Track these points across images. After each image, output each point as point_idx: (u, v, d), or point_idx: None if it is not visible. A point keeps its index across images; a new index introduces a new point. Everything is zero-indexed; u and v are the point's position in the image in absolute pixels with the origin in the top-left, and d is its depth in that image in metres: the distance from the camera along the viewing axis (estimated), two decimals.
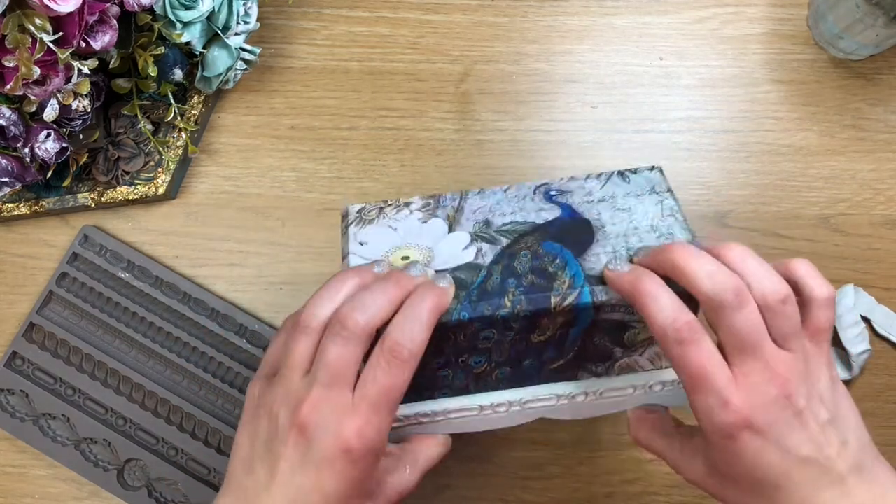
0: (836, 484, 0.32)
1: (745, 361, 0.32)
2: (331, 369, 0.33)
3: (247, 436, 0.35)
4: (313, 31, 0.56)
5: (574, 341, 0.36)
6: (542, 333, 0.36)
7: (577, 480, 0.50)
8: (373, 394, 0.32)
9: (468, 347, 0.36)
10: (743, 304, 0.31)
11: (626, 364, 0.38)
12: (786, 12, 0.55)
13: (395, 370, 0.32)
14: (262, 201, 0.54)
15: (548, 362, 0.37)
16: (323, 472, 0.32)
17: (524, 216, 0.38)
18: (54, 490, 0.51)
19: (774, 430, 0.31)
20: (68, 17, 0.41)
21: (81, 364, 0.52)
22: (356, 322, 0.33)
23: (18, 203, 0.52)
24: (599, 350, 0.37)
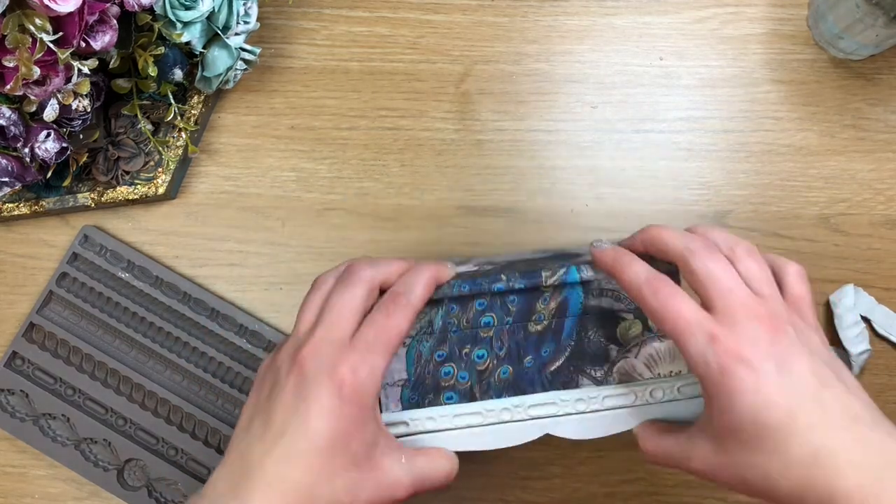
0: (849, 426, 0.30)
1: (727, 305, 0.32)
2: (333, 313, 0.35)
3: (251, 403, 0.36)
4: (313, 31, 0.56)
5: (570, 334, 0.39)
6: (538, 322, 0.38)
7: (577, 480, 0.50)
8: (370, 334, 0.34)
9: (470, 336, 0.38)
10: (713, 252, 0.33)
11: (624, 370, 0.39)
12: (786, 12, 0.55)
13: (392, 314, 0.35)
14: (262, 201, 0.54)
15: (547, 362, 0.39)
16: (311, 407, 0.33)
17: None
18: (54, 490, 0.51)
19: (767, 365, 0.30)
20: (68, 17, 0.41)
21: (81, 364, 0.52)
22: (363, 271, 0.36)
23: (18, 203, 0.52)
24: (595, 347, 0.39)
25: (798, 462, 0.30)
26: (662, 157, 0.53)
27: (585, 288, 0.39)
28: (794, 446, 0.30)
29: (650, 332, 0.39)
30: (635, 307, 0.39)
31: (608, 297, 0.39)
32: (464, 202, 0.53)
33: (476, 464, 0.50)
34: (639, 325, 0.39)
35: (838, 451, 0.29)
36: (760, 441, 0.30)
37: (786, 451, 0.30)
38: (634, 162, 0.53)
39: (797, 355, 0.31)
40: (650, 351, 0.39)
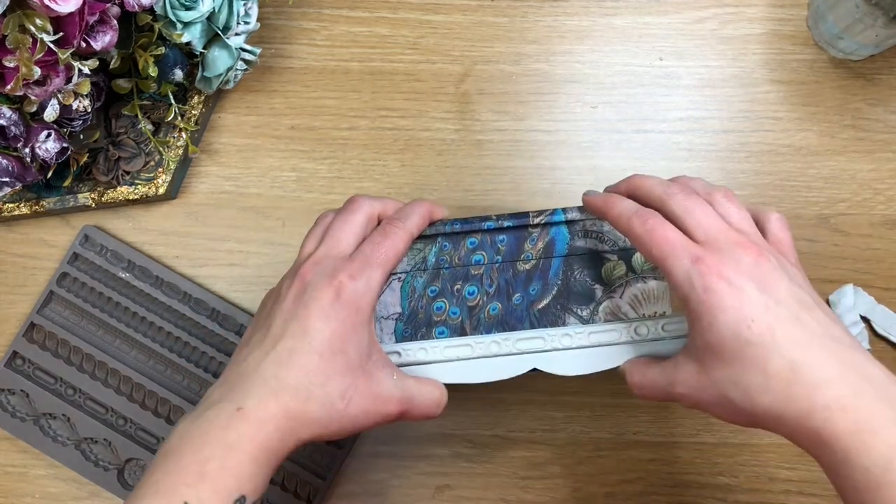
0: (827, 344, 0.31)
1: (709, 235, 0.33)
2: (334, 236, 0.37)
3: (252, 324, 0.38)
4: (313, 32, 0.56)
5: (556, 273, 0.41)
6: (527, 261, 0.41)
7: (577, 480, 0.51)
8: (368, 250, 0.37)
9: (461, 273, 0.41)
10: (691, 195, 0.35)
11: (609, 309, 0.41)
12: (785, 12, 0.55)
13: (390, 234, 0.38)
14: (262, 201, 0.54)
15: (535, 300, 0.41)
16: (311, 310, 0.34)
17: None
18: (55, 490, 0.51)
19: (749, 284, 0.31)
20: (69, 18, 0.41)
21: (82, 364, 0.52)
22: (363, 201, 0.39)
23: (19, 203, 0.52)
24: (581, 287, 0.41)
25: (777, 376, 0.30)
26: (662, 157, 0.53)
27: (571, 229, 0.41)
28: (773, 361, 0.30)
29: (634, 273, 0.41)
30: (619, 248, 0.41)
31: (593, 238, 0.41)
32: (464, 202, 0.53)
33: (476, 464, 0.51)
34: (623, 267, 0.41)
35: (816, 366, 0.30)
36: (741, 356, 0.31)
37: (765, 365, 0.30)
38: (634, 162, 0.53)
39: (779, 280, 0.32)
40: (634, 292, 0.41)
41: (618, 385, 0.51)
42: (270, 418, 0.33)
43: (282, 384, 0.33)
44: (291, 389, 0.33)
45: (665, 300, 0.41)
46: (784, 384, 0.30)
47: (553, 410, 0.51)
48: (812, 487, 0.50)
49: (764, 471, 0.50)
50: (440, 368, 0.40)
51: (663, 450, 0.51)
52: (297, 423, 0.33)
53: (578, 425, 0.51)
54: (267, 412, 0.33)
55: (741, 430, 0.50)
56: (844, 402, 0.29)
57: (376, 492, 0.51)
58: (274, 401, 0.33)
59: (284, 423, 0.33)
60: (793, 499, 0.50)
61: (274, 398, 0.33)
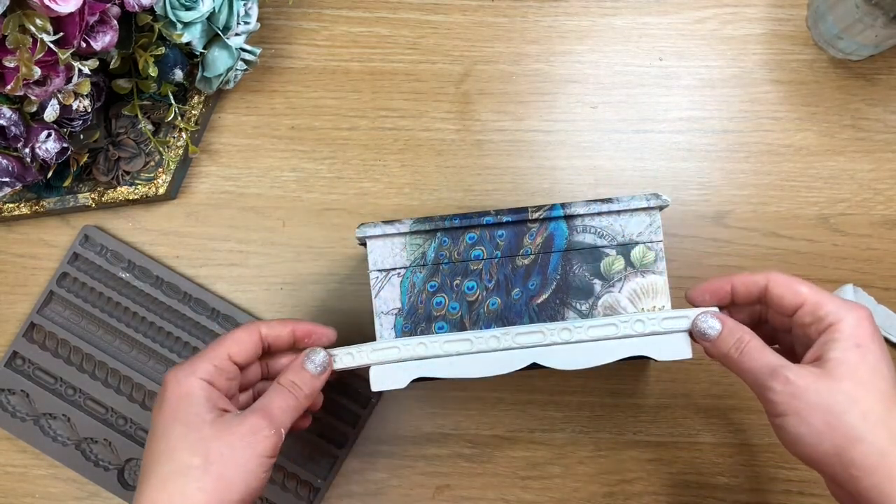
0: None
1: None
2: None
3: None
4: (313, 32, 0.56)
5: (555, 269, 0.41)
6: (526, 256, 0.41)
7: (576, 480, 0.51)
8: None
9: (461, 268, 0.41)
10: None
11: (609, 304, 0.41)
12: (785, 13, 0.55)
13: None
14: (262, 201, 0.54)
15: (534, 295, 0.41)
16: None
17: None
18: (55, 490, 0.51)
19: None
20: (69, 18, 0.41)
21: (82, 364, 0.52)
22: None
23: (19, 203, 0.52)
24: (580, 282, 0.41)
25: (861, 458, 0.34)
26: (662, 157, 0.53)
27: (569, 224, 0.41)
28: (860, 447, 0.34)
29: (633, 268, 0.41)
30: (618, 243, 0.41)
31: (591, 233, 0.41)
32: (464, 202, 0.53)
33: (476, 464, 0.51)
34: (622, 261, 0.41)
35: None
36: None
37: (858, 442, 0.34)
38: (634, 162, 0.53)
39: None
40: (633, 286, 0.41)
41: (618, 385, 0.51)
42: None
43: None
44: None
45: (664, 294, 0.41)
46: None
47: (553, 410, 0.51)
48: (812, 487, 0.50)
49: (764, 471, 0.50)
50: (440, 363, 0.40)
51: (663, 450, 0.51)
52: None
53: (578, 425, 0.51)
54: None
55: (741, 430, 0.50)
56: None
57: (376, 492, 0.51)
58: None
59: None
60: (793, 499, 0.50)
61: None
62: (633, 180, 0.53)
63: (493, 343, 0.40)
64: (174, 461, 0.36)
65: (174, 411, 0.37)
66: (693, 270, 0.52)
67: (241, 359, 0.40)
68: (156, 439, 0.37)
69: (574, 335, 0.40)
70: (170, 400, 0.37)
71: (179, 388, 0.38)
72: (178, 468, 0.35)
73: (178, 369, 0.38)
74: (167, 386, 0.38)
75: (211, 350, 0.39)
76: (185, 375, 0.38)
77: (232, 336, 0.40)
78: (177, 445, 0.36)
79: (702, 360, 0.51)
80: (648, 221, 0.42)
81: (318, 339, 0.41)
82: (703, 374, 0.51)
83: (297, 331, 0.41)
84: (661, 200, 0.42)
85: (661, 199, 0.42)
